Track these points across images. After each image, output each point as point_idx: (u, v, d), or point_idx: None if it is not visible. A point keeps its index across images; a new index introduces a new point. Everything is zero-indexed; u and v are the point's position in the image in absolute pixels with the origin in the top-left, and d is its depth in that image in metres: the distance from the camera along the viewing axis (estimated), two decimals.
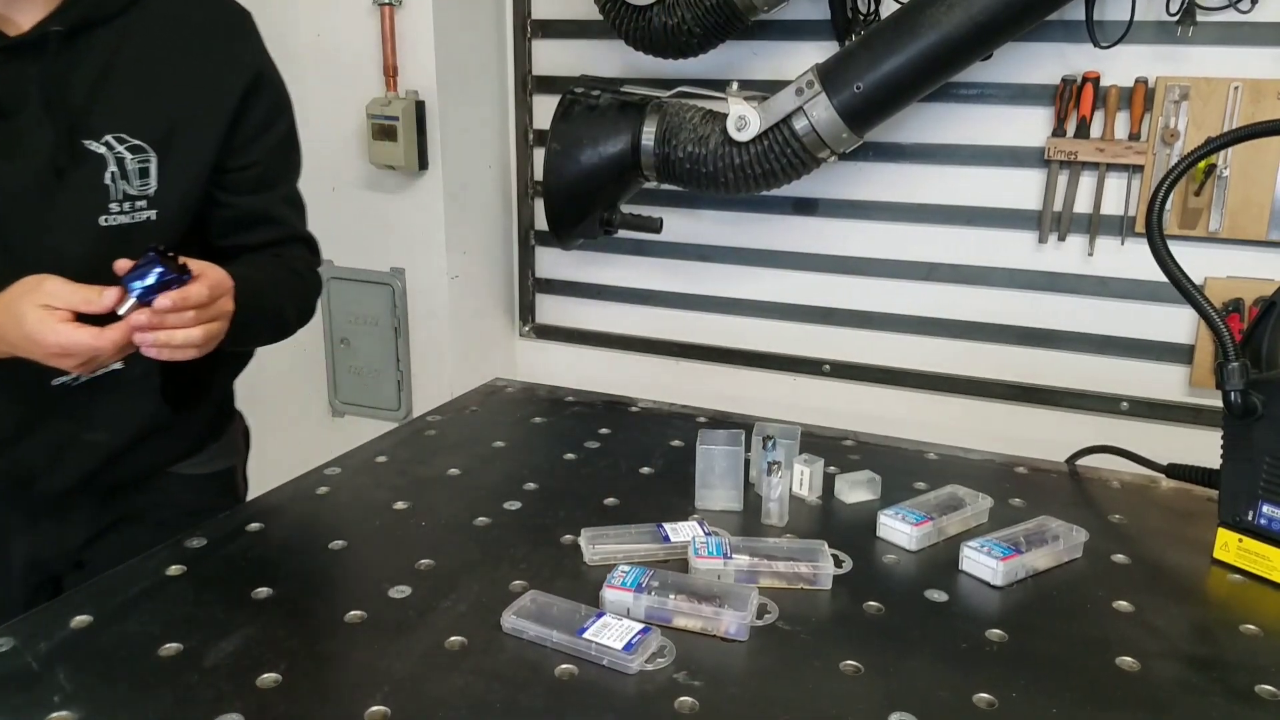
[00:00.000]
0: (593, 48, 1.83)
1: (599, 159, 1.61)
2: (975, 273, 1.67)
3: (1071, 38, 1.50)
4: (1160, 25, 1.46)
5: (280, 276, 0.98)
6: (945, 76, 1.44)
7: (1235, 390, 0.90)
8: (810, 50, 1.63)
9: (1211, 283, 1.51)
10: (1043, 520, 0.96)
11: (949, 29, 1.36)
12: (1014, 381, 1.68)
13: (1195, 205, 1.49)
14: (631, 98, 1.63)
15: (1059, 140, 1.54)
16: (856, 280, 1.76)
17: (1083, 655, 0.77)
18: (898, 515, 0.95)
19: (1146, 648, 0.78)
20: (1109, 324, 1.61)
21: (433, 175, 1.80)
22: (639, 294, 1.94)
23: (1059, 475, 1.15)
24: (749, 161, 1.53)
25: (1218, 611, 0.87)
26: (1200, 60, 1.46)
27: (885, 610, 0.83)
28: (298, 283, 1.01)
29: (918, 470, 1.12)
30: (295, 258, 1.02)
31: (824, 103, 1.45)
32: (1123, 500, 1.08)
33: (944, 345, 1.72)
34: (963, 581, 0.88)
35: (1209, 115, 1.46)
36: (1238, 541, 0.92)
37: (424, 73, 1.75)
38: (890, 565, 0.91)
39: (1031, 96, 1.56)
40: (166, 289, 0.78)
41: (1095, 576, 0.90)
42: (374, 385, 1.97)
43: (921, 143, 1.65)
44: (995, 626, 0.80)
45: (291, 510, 1.00)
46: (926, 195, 1.67)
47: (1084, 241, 1.58)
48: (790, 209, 1.77)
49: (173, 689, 0.68)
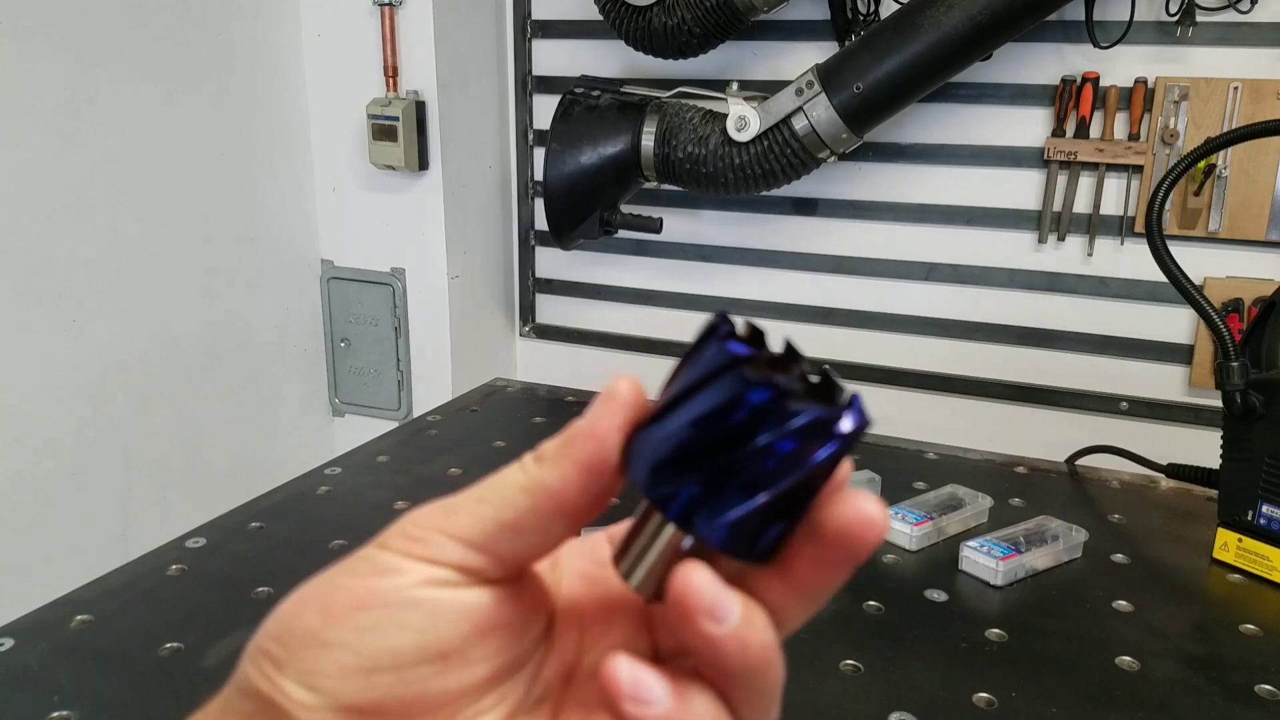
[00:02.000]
0: (593, 48, 1.83)
1: (599, 159, 1.61)
2: (975, 273, 1.67)
3: (1071, 38, 1.50)
4: (1160, 25, 1.46)
5: None
6: (945, 77, 1.44)
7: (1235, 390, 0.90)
8: (810, 50, 1.63)
9: (1211, 283, 1.51)
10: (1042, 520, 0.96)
11: (949, 29, 1.36)
12: (1013, 381, 1.68)
13: (1195, 205, 1.49)
14: (631, 98, 1.63)
15: (1058, 140, 1.54)
16: (856, 280, 1.76)
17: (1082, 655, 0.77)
18: (897, 515, 0.95)
19: (1146, 647, 0.78)
20: (1108, 324, 1.61)
21: (433, 175, 1.80)
22: (639, 294, 1.94)
23: (1058, 475, 1.15)
24: (749, 162, 1.53)
25: (1217, 611, 0.87)
26: (1200, 60, 1.46)
27: (885, 610, 0.83)
28: None
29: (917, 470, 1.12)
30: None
31: (824, 103, 1.45)
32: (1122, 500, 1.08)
33: (943, 345, 1.72)
34: (962, 581, 0.88)
35: (1208, 115, 1.46)
36: (1237, 541, 0.92)
37: (424, 73, 1.75)
38: (889, 565, 0.91)
39: (1031, 97, 1.56)
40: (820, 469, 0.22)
41: (1095, 576, 0.90)
42: (374, 385, 1.97)
43: (921, 143, 1.65)
44: (995, 626, 0.80)
45: (292, 510, 1.00)
46: (926, 195, 1.67)
47: (1083, 241, 1.58)
48: (790, 209, 1.77)
49: (173, 689, 0.68)
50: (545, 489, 0.25)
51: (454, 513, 0.26)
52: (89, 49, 1.39)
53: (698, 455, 0.22)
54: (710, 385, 0.22)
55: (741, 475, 0.21)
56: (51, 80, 1.34)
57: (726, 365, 0.22)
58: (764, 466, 0.21)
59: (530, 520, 0.25)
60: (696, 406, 0.22)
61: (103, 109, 1.42)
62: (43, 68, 1.32)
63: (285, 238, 1.82)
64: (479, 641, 0.25)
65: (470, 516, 0.26)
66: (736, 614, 0.22)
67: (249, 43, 1.68)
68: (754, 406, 0.21)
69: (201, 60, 1.59)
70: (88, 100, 1.39)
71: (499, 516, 0.25)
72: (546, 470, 0.25)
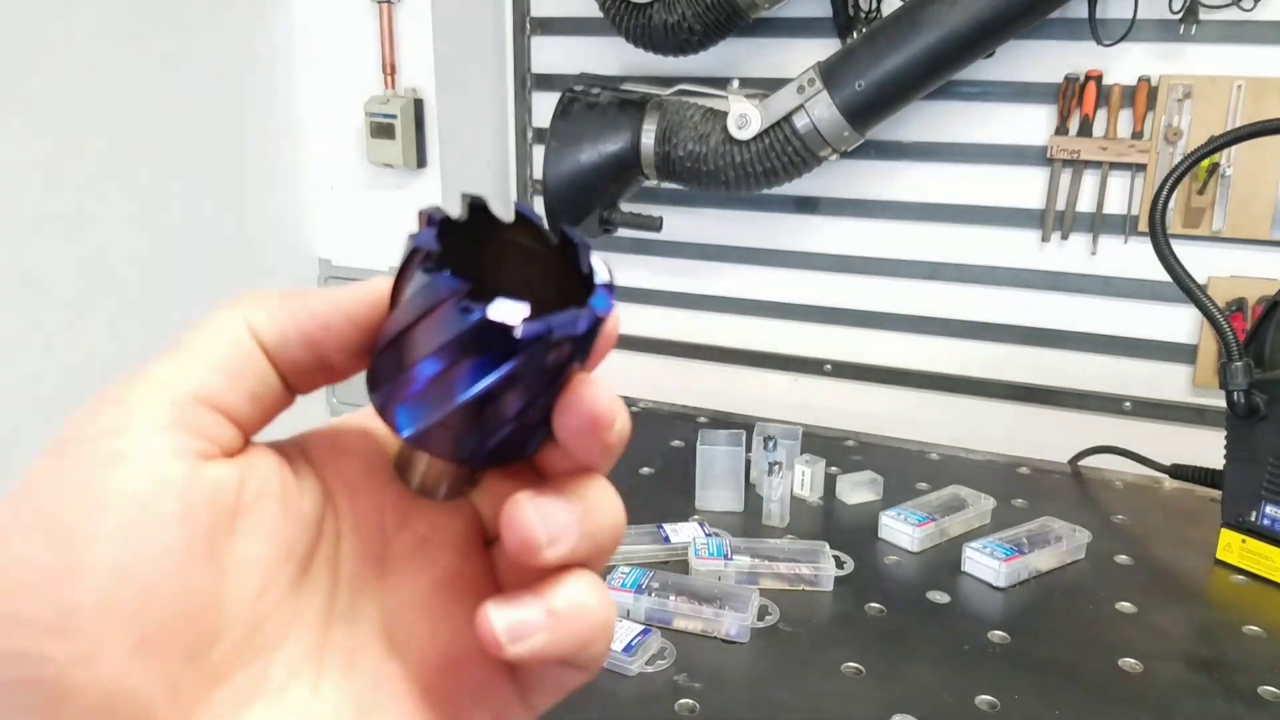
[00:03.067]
0: (592, 45, 1.82)
1: (598, 157, 1.60)
2: (978, 272, 1.66)
3: (1074, 35, 1.49)
4: (1163, 23, 1.46)
5: None
6: (947, 74, 1.44)
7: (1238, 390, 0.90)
8: (812, 47, 1.62)
9: (1214, 282, 1.50)
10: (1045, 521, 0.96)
11: (951, 26, 1.36)
12: (1016, 381, 1.68)
13: (1198, 204, 1.48)
14: (631, 96, 1.63)
15: (1062, 139, 1.53)
16: (858, 279, 1.75)
17: (1085, 657, 0.77)
18: (899, 516, 0.95)
19: (1149, 649, 0.77)
20: (1112, 323, 1.60)
21: (431, 173, 1.80)
22: (639, 293, 1.93)
23: (1062, 476, 1.14)
24: (750, 160, 1.52)
25: (1220, 613, 0.86)
26: (1203, 59, 1.46)
27: (887, 612, 0.82)
28: None
29: (920, 471, 1.12)
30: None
31: (825, 100, 1.45)
32: (1126, 501, 1.08)
33: (946, 345, 1.71)
34: (965, 583, 0.87)
35: (1212, 114, 1.45)
36: (1241, 542, 0.92)
37: (422, 70, 1.75)
38: (892, 566, 0.91)
39: (1034, 94, 1.56)
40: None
41: (1098, 578, 0.90)
42: None
43: (923, 141, 1.64)
44: (997, 628, 0.80)
45: None
46: (928, 194, 1.66)
47: (1087, 240, 1.58)
48: (792, 207, 1.76)
49: None
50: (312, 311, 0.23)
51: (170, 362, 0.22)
52: (82, 47, 1.38)
53: (406, 359, 0.22)
54: (422, 304, 0.22)
55: (442, 384, 0.22)
56: (43, 77, 1.33)
57: (435, 286, 0.21)
58: (456, 376, 0.21)
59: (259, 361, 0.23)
60: (408, 316, 0.22)
61: (95, 108, 1.41)
62: (34, 64, 1.32)
63: (282, 236, 1.82)
64: (239, 527, 0.22)
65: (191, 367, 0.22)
66: (528, 498, 0.23)
67: (244, 40, 1.68)
68: (443, 296, 0.21)
69: (197, 57, 1.58)
70: (81, 97, 1.39)
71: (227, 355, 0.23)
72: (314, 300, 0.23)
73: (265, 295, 0.24)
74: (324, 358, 0.24)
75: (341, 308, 0.23)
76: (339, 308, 0.23)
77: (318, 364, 0.24)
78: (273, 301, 0.23)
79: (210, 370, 0.22)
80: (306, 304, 0.23)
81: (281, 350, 0.23)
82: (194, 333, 0.23)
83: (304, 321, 0.23)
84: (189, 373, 0.22)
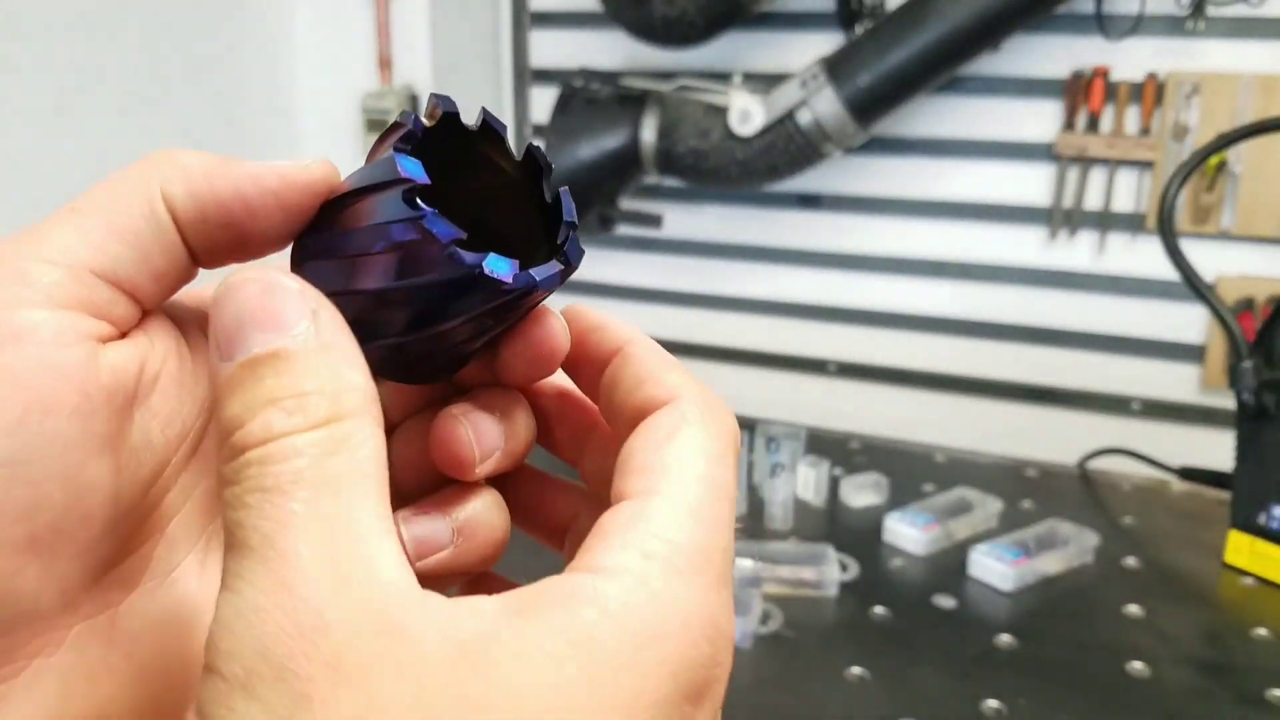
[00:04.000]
0: (592, 38, 1.81)
1: (598, 153, 1.59)
2: (984, 270, 1.65)
3: (1080, 31, 1.48)
4: (1170, 19, 1.44)
5: None
6: (953, 69, 1.42)
7: (1248, 391, 0.89)
8: (815, 42, 1.61)
9: (1223, 281, 1.49)
10: (1053, 523, 0.94)
11: (957, 20, 1.34)
12: (1023, 381, 1.66)
13: (1207, 202, 1.47)
14: (632, 91, 1.62)
15: (1069, 135, 1.52)
16: (862, 277, 1.74)
17: (1093, 661, 0.75)
18: (905, 518, 0.94)
19: (1157, 653, 0.76)
20: (1120, 322, 1.59)
21: None
22: (639, 292, 1.92)
23: (1069, 477, 1.13)
24: (752, 156, 1.51)
25: (1229, 616, 0.85)
26: (1211, 54, 1.44)
27: (892, 616, 0.81)
28: None
29: (925, 472, 1.11)
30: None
31: (829, 96, 1.43)
32: (1134, 503, 1.06)
33: (951, 344, 1.70)
34: (971, 586, 0.86)
35: (1220, 110, 1.44)
36: (1250, 545, 0.90)
37: (419, 65, 1.73)
38: (897, 570, 0.90)
39: (1040, 90, 1.54)
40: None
41: (1106, 581, 0.88)
42: None
43: (929, 137, 1.63)
44: (1004, 632, 0.79)
45: None
46: (934, 190, 1.65)
47: (1095, 238, 1.56)
48: (795, 204, 1.75)
49: None
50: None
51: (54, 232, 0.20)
52: (77, 42, 1.37)
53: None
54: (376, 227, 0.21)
55: (398, 313, 0.21)
56: (38, 73, 1.32)
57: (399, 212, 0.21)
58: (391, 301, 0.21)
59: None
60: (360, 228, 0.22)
61: (90, 102, 1.40)
62: (30, 60, 1.31)
63: None
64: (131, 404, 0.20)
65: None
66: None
67: (239, 34, 1.67)
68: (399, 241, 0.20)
69: (191, 52, 1.57)
70: (76, 93, 1.38)
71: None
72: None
73: (185, 159, 0.21)
74: (241, 238, 0.22)
75: (271, 190, 0.21)
76: (268, 190, 0.21)
77: (233, 243, 0.22)
78: (194, 169, 0.21)
79: (116, 240, 0.20)
80: (231, 179, 0.21)
81: (196, 226, 0.21)
82: (102, 192, 0.21)
83: (227, 199, 0.21)
84: (91, 242, 0.20)
